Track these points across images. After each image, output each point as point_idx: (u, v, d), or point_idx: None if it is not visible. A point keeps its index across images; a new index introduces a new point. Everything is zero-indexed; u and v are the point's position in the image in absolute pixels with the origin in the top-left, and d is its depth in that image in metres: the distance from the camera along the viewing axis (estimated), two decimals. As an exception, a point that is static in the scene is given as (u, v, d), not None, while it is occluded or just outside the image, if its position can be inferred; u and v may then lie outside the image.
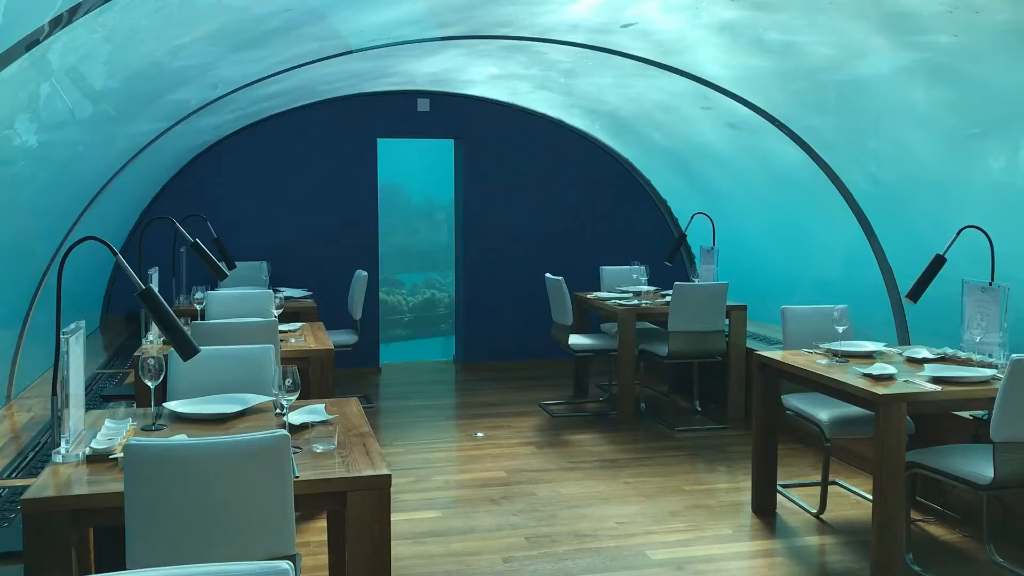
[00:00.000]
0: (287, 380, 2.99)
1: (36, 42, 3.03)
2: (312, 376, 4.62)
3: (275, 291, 5.94)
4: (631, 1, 4.63)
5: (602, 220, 8.52)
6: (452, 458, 5.75)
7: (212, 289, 6.07)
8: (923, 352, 4.34)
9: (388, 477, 2.63)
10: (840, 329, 4.47)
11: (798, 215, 6.58)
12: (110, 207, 6.16)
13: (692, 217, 7.21)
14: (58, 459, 2.69)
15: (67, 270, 2.89)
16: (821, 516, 4.53)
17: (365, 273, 6.97)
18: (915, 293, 4.32)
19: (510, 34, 5.50)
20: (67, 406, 2.75)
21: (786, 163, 5.96)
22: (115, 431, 2.92)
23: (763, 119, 5.67)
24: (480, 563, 3.99)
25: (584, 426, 6.37)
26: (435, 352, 11.19)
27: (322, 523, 3.88)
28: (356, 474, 2.61)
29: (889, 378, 3.84)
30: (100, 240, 2.85)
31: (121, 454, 2.59)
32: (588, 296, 6.94)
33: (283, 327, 5.09)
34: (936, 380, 3.79)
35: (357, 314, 6.89)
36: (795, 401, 4.62)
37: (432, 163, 10.81)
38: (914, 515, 4.26)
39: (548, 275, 6.80)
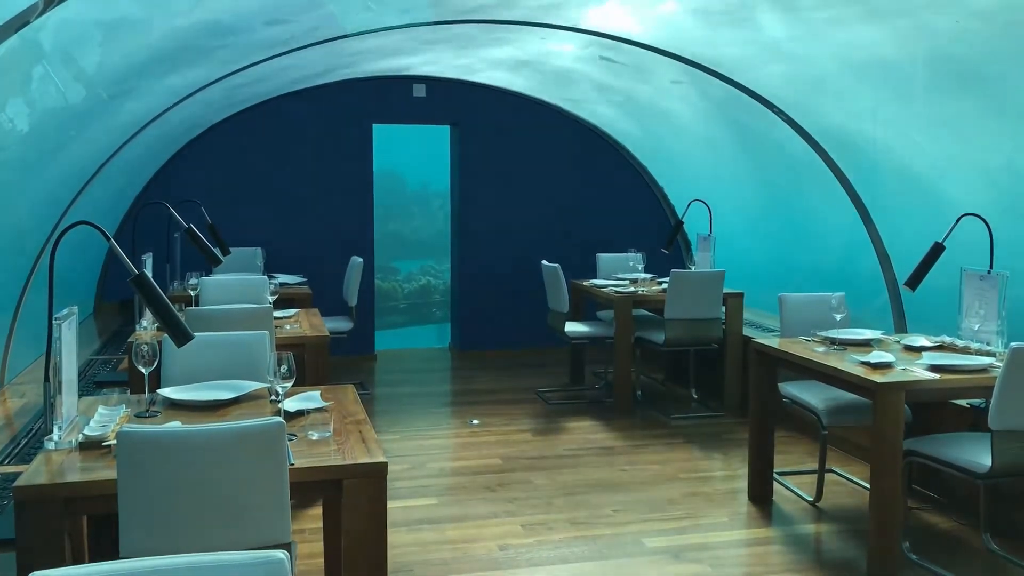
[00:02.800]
0: (282, 367, 2.97)
1: (26, 23, 2.98)
2: (307, 363, 4.59)
3: (270, 277, 5.92)
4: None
5: (599, 207, 8.49)
6: (448, 445, 5.73)
7: (206, 275, 6.03)
8: (921, 340, 4.33)
9: (384, 464, 2.62)
10: (837, 317, 4.45)
11: (796, 202, 6.56)
12: (103, 192, 6.11)
13: (689, 204, 7.18)
14: (51, 446, 2.67)
15: (60, 255, 2.86)
16: (818, 504, 4.53)
17: (360, 260, 6.94)
18: (914, 281, 4.30)
19: (510, 19, 5.46)
20: (60, 392, 2.73)
21: (784, 150, 5.93)
22: (108, 418, 2.90)
23: (762, 105, 5.64)
24: (476, 550, 3.98)
25: (580, 413, 6.36)
26: (431, 339, 11.18)
27: (318, 510, 3.87)
28: (352, 461, 2.60)
29: (887, 366, 3.83)
30: (93, 225, 2.82)
31: (114, 441, 2.56)
32: (585, 283, 6.92)
33: (278, 313, 5.07)
34: (934, 368, 3.78)
35: (352, 301, 6.86)
36: (792, 389, 4.61)
37: (428, 149, 10.77)
38: (911, 503, 4.26)
39: (545, 262, 6.78)
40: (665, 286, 6.30)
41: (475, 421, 6.13)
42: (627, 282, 6.77)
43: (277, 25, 4.96)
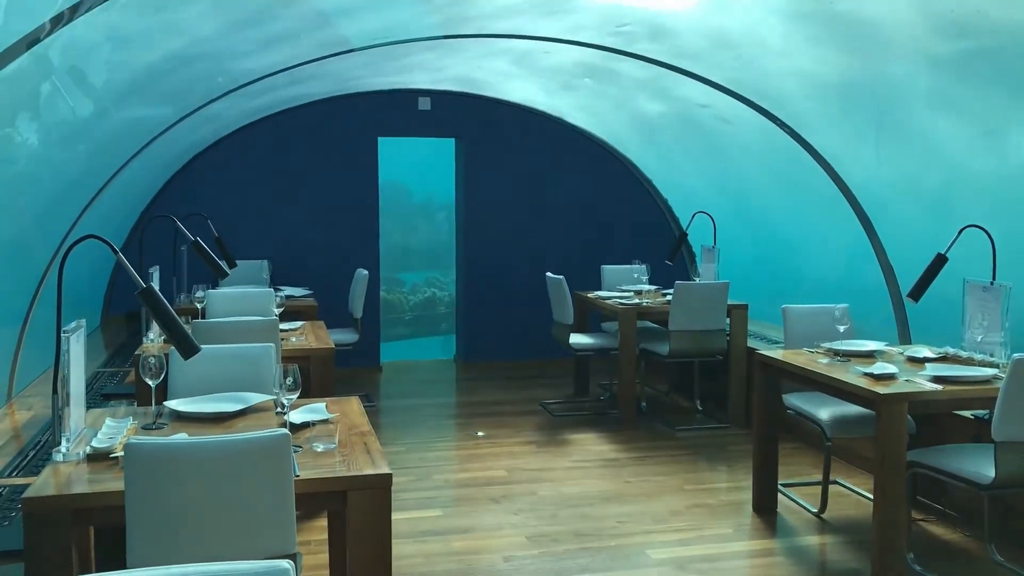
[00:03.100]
0: (288, 379, 2.99)
1: (37, 40, 3.02)
2: (313, 375, 4.62)
3: (276, 290, 5.94)
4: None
5: (603, 219, 8.52)
6: (453, 457, 5.75)
7: (213, 288, 6.06)
8: (924, 351, 4.34)
9: (389, 476, 2.63)
10: (841, 328, 4.46)
11: (798, 214, 6.57)
12: (111, 205, 6.15)
13: (693, 216, 7.20)
14: (59, 458, 2.69)
15: (68, 268, 2.89)
16: (822, 515, 4.53)
17: (366, 272, 6.97)
18: (917, 292, 4.31)
19: (514, 33, 5.49)
20: (68, 405, 2.75)
21: (787, 161, 5.95)
22: (116, 430, 2.92)
23: (763, 117, 5.66)
24: (481, 562, 3.99)
25: (585, 425, 6.37)
26: (436, 351, 11.19)
27: (323, 522, 3.87)
28: (357, 473, 2.61)
29: (890, 377, 3.83)
30: (101, 239, 2.85)
31: (122, 453, 2.58)
32: (589, 295, 6.94)
33: (284, 326, 5.09)
34: (937, 379, 3.78)
35: (358, 313, 6.88)
36: (796, 400, 4.61)
37: (433, 162, 10.81)
38: (915, 514, 4.26)
39: (549, 274, 6.80)
40: (669, 298, 6.32)
41: (480, 433, 6.14)
42: (631, 294, 6.78)
43: (284, 41, 5.01)
